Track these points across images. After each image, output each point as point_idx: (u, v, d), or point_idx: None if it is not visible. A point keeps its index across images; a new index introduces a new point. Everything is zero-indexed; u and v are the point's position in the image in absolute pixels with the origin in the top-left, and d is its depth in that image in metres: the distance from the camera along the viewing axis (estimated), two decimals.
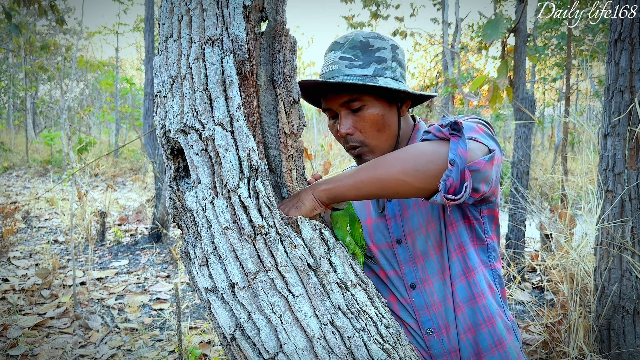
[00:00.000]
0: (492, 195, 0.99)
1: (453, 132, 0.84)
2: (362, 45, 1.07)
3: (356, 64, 1.06)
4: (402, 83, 1.10)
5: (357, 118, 1.07)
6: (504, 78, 2.78)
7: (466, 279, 1.03)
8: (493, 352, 1.02)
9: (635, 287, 2.23)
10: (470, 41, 11.42)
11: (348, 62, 1.07)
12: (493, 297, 1.05)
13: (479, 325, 1.03)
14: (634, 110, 2.17)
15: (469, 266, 1.03)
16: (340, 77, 1.06)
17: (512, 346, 1.04)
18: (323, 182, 0.92)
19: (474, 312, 1.03)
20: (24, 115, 16.07)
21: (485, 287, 1.04)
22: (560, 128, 9.56)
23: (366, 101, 1.06)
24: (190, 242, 0.93)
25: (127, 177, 10.42)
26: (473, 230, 1.05)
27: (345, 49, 1.08)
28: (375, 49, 1.07)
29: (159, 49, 1.00)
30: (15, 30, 4.36)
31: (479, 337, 1.02)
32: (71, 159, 5.61)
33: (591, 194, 2.86)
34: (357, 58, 1.06)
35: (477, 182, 0.84)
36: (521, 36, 3.93)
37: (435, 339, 1.05)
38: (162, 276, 4.18)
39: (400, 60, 1.10)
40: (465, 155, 0.80)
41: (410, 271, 1.08)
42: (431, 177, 0.81)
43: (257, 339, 0.85)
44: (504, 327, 1.04)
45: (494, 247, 1.08)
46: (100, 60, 14.80)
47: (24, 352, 2.70)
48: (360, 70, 1.05)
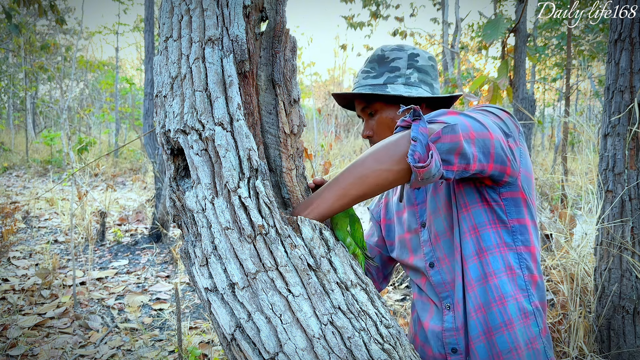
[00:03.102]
0: (504, 174, 1.02)
1: (415, 118, 0.91)
2: (379, 59, 1.23)
3: (371, 75, 1.22)
4: (418, 87, 1.21)
5: (374, 122, 1.22)
6: (504, 78, 2.78)
7: (479, 259, 1.07)
8: (502, 332, 1.04)
9: (635, 287, 2.23)
10: (470, 41, 11.41)
11: (365, 74, 1.23)
12: (510, 279, 1.07)
13: (489, 304, 1.05)
14: (634, 110, 2.17)
15: (482, 247, 1.07)
16: (358, 88, 1.23)
17: (522, 329, 1.05)
18: (302, 207, 0.96)
19: (485, 291, 1.06)
20: (24, 115, 16.07)
21: (500, 267, 1.06)
22: (560, 128, 9.56)
23: (376, 107, 1.21)
24: (190, 242, 0.93)
25: (127, 177, 10.42)
26: (494, 213, 1.09)
27: (367, 63, 1.25)
28: (390, 60, 1.22)
29: (159, 49, 1.00)
30: (15, 30, 4.36)
31: (489, 316, 1.05)
32: (71, 159, 5.61)
33: (591, 194, 2.86)
34: (373, 70, 1.22)
35: (445, 153, 0.89)
36: (521, 36, 3.93)
37: (451, 314, 1.10)
38: (162, 276, 4.18)
39: (419, 67, 1.22)
40: (426, 131, 0.88)
41: (429, 251, 1.15)
42: (402, 156, 0.88)
43: (257, 339, 0.85)
44: (517, 310, 1.05)
45: (521, 230, 1.09)
46: (100, 60, 14.78)
47: (24, 352, 2.70)
48: (373, 81, 1.21)
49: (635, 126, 2.17)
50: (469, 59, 11.81)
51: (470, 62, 11.56)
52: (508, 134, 1.02)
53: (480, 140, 0.94)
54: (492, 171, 0.99)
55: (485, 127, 0.96)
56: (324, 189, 0.95)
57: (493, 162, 0.98)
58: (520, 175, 1.06)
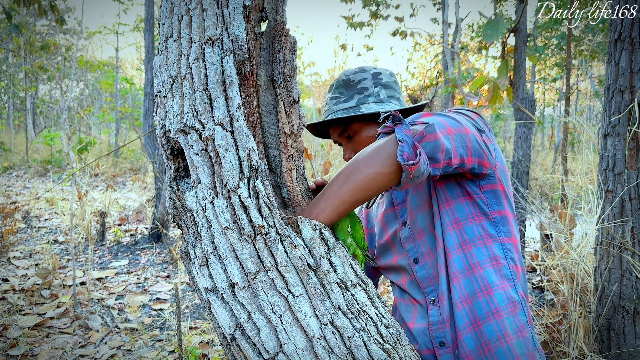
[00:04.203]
0: (483, 167, 1.07)
1: (396, 123, 0.96)
2: (344, 84, 1.28)
3: (341, 99, 1.27)
4: (388, 103, 1.26)
5: (354, 144, 1.27)
6: (504, 78, 2.78)
7: (462, 251, 1.09)
8: (490, 320, 1.06)
9: (635, 287, 2.23)
10: (470, 41, 11.41)
11: (335, 100, 1.28)
12: (495, 269, 1.09)
13: (475, 294, 1.07)
14: (634, 110, 2.17)
15: (465, 239, 1.10)
16: (331, 114, 1.27)
17: (510, 318, 1.06)
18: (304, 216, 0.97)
19: (470, 282, 1.08)
20: (24, 115, 16.07)
21: (484, 258, 1.09)
22: (560, 128, 9.56)
23: (355, 128, 1.26)
24: (190, 242, 0.93)
25: (127, 177, 10.42)
26: (476, 206, 1.12)
27: (333, 90, 1.30)
28: (356, 82, 1.27)
29: (159, 49, 1.00)
30: (15, 30, 4.36)
31: (475, 306, 1.06)
32: (71, 159, 5.61)
33: (591, 194, 2.86)
34: (342, 95, 1.27)
35: (431, 152, 0.94)
36: (521, 36, 3.93)
37: (436, 308, 1.11)
38: (162, 276, 4.18)
39: (384, 84, 1.27)
40: (410, 132, 0.93)
41: (412, 247, 1.17)
42: (392, 157, 0.92)
43: (257, 339, 0.85)
44: (505, 299, 1.07)
45: (502, 221, 1.12)
46: (100, 60, 14.77)
47: (24, 352, 2.70)
48: (345, 104, 1.25)
49: (635, 126, 2.17)
50: (469, 59, 11.81)
51: (470, 62, 11.56)
52: (481, 130, 1.08)
53: (457, 135, 1.00)
54: (472, 164, 1.04)
55: (460, 124, 1.02)
56: (320, 198, 0.98)
57: (471, 155, 1.03)
58: (497, 168, 1.11)
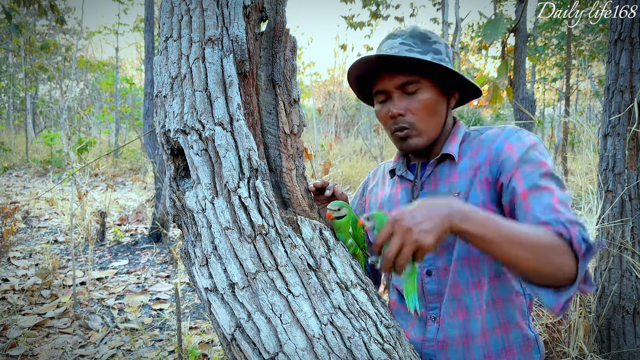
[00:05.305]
0: None
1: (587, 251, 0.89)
2: (421, 36, 1.12)
3: (415, 49, 1.09)
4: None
5: (411, 100, 1.09)
6: (504, 78, 2.78)
7: (489, 284, 1.07)
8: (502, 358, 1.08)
9: (635, 287, 2.23)
10: (470, 41, 11.41)
11: (408, 47, 1.09)
12: (516, 305, 1.09)
13: (494, 329, 1.08)
14: (634, 110, 2.17)
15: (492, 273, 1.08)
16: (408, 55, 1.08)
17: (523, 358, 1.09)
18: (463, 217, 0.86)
19: (491, 317, 1.07)
20: (24, 115, 16.06)
21: (508, 294, 1.08)
22: (560, 128, 9.56)
23: (422, 85, 1.09)
24: (190, 242, 0.93)
25: (127, 177, 10.42)
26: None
27: (406, 37, 1.12)
28: (432, 41, 1.12)
29: (159, 49, 1.00)
30: (15, 30, 4.36)
31: (492, 341, 1.07)
32: (71, 159, 5.60)
33: (591, 194, 2.85)
34: (416, 45, 1.10)
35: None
36: (521, 36, 3.93)
37: (434, 326, 1.07)
38: (162, 276, 4.18)
39: (451, 60, 1.14)
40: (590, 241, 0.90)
41: (429, 258, 1.09)
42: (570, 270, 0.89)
43: (257, 339, 0.85)
44: (520, 337, 1.08)
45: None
46: (100, 60, 14.77)
47: (24, 352, 2.70)
48: (420, 55, 1.07)
49: (635, 126, 2.17)
50: (469, 59, 11.81)
51: (470, 62, 11.56)
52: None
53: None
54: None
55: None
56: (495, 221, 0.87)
57: None
58: None
